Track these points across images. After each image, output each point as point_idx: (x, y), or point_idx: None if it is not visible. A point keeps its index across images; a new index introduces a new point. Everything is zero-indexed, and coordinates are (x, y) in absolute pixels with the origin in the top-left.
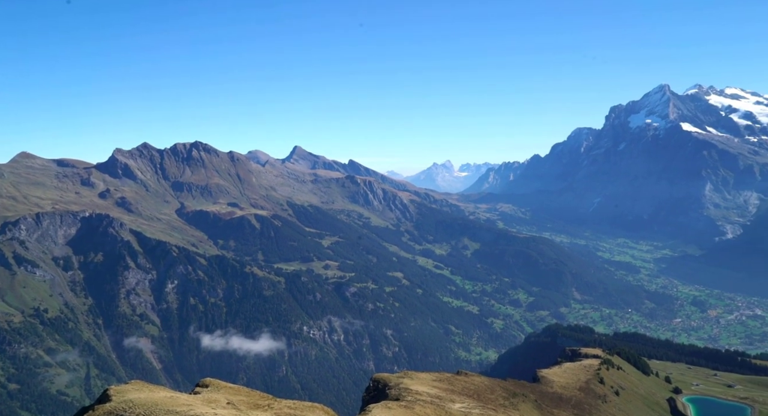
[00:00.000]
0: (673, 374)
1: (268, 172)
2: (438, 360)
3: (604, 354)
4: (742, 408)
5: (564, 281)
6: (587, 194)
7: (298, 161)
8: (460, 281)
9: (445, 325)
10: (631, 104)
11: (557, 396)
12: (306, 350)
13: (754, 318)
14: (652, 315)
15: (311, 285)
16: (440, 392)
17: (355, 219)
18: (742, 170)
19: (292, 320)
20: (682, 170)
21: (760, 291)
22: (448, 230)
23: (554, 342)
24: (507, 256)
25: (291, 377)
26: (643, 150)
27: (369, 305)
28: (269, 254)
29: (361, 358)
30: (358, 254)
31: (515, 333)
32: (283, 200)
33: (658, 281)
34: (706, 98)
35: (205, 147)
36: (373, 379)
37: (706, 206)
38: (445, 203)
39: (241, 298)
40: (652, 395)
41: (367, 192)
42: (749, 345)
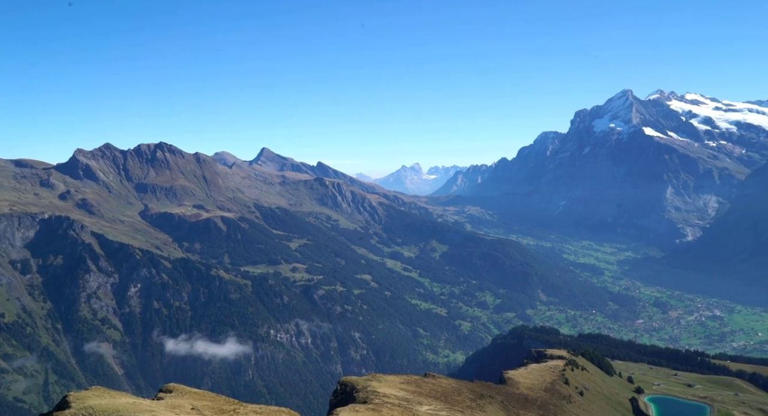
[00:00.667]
0: (635, 374)
1: (235, 173)
2: (406, 362)
3: (568, 355)
4: (702, 407)
5: (530, 283)
6: (553, 197)
7: (265, 163)
8: (429, 283)
9: (414, 327)
10: (595, 108)
11: (523, 397)
12: (273, 353)
13: (713, 318)
14: (615, 316)
15: (279, 288)
16: (408, 394)
17: (323, 221)
18: (702, 174)
19: (259, 323)
20: (644, 173)
21: (718, 292)
22: (416, 232)
23: (520, 343)
24: (475, 258)
25: (257, 381)
26: (607, 154)
27: (337, 308)
28: (236, 256)
29: (328, 361)
30: (326, 256)
31: (482, 334)
32: (251, 202)
33: (621, 283)
34: (668, 104)
35: (170, 148)
36: (340, 382)
37: (668, 209)
38: (414, 205)
39: (206, 301)
40: (615, 395)
41: (335, 194)
42: (708, 345)
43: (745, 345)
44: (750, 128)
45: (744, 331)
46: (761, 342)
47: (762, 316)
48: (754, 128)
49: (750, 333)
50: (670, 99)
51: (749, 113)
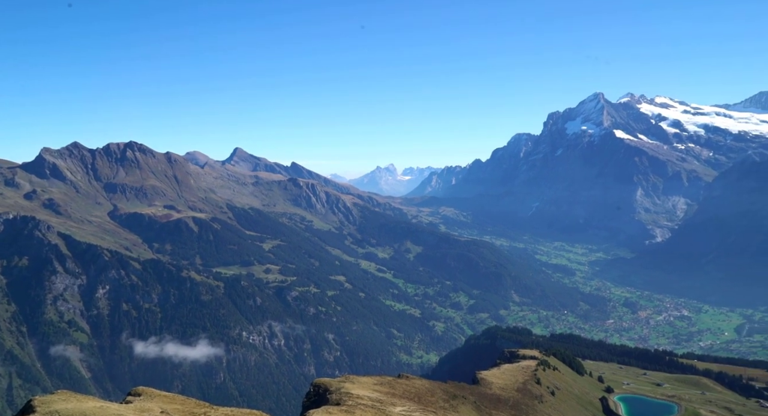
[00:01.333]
0: (605, 373)
1: (208, 174)
2: (380, 363)
3: (540, 355)
4: (670, 405)
5: (503, 283)
6: (526, 199)
7: (238, 163)
8: (403, 284)
9: (387, 328)
10: (567, 111)
11: (496, 398)
12: (245, 356)
13: (681, 318)
14: (586, 317)
15: (251, 290)
16: (381, 396)
17: (297, 222)
18: (671, 176)
19: (231, 325)
20: (615, 175)
21: (686, 293)
22: (391, 233)
23: (494, 344)
24: (449, 259)
25: (229, 384)
26: (579, 156)
27: (311, 310)
28: (208, 258)
29: (302, 363)
30: (300, 257)
31: (456, 335)
32: (223, 202)
33: (592, 284)
34: (638, 107)
35: (140, 147)
36: (313, 384)
37: (638, 211)
38: (389, 206)
39: (177, 303)
40: (585, 394)
41: (309, 195)
42: (676, 345)
43: (712, 344)
44: (717, 131)
45: (711, 331)
46: (727, 341)
47: (728, 316)
48: (721, 131)
49: (717, 333)
50: (640, 102)
51: (716, 116)
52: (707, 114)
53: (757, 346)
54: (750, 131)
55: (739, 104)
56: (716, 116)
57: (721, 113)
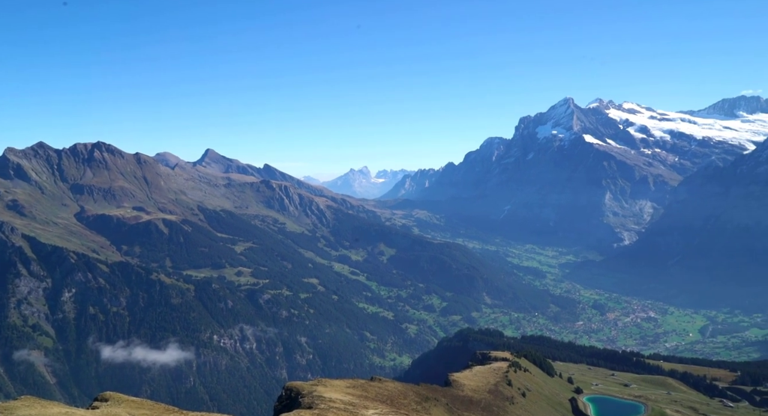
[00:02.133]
0: (575, 375)
1: (178, 175)
2: (352, 366)
3: (512, 356)
4: (637, 405)
5: (476, 286)
6: (498, 202)
7: (210, 165)
8: (376, 287)
9: (360, 331)
10: (538, 115)
11: (468, 399)
12: (216, 359)
13: (648, 320)
14: (556, 318)
15: (222, 292)
16: (354, 399)
17: (270, 224)
18: (638, 180)
19: (202, 329)
20: (584, 179)
21: (653, 295)
22: (364, 236)
23: (466, 346)
24: (422, 262)
25: (199, 388)
26: (550, 160)
27: (283, 312)
28: (178, 260)
29: (273, 366)
30: (272, 260)
31: (429, 337)
32: (194, 204)
33: (562, 286)
34: (606, 112)
35: (108, 148)
36: (285, 388)
37: (606, 214)
38: (362, 209)
39: (146, 307)
40: (555, 395)
41: (282, 197)
42: (643, 346)
43: (677, 345)
44: (682, 136)
45: (676, 332)
46: (692, 342)
47: (693, 317)
48: (686, 137)
49: (682, 334)
50: (609, 108)
51: (681, 122)
52: (673, 120)
53: (720, 347)
54: (713, 136)
55: (703, 110)
56: (681, 122)
57: (686, 119)
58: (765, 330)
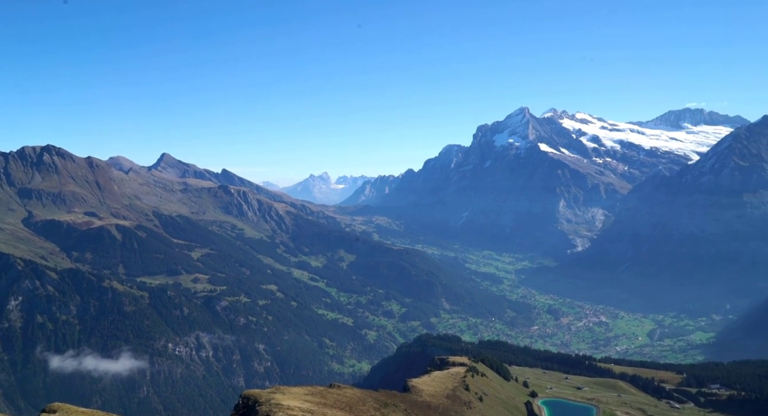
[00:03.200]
0: (530, 378)
1: (132, 180)
2: (311, 373)
3: (469, 361)
4: (589, 408)
5: (435, 292)
6: (457, 208)
7: (166, 169)
8: (336, 293)
9: (320, 338)
10: (495, 123)
11: (426, 405)
12: (171, 368)
13: (600, 324)
14: (513, 323)
15: (178, 300)
16: (312, 406)
17: (227, 230)
18: (590, 188)
19: (156, 337)
20: (539, 187)
21: (604, 300)
22: (324, 242)
23: (424, 351)
24: (382, 268)
25: (153, 398)
26: (507, 168)
27: (241, 320)
28: (132, 267)
29: (230, 375)
30: (230, 266)
31: (388, 343)
32: (149, 209)
33: (518, 291)
34: (560, 122)
35: (58, 152)
36: (242, 396)
37: (560, 221)
38: (322, 215)
39: (97, 315)
40: (511, 399)
41: (241, 203)
42: (595, 350)
43: (627, 348)
44: (631, 146)
45: (626, 336)
46: (641, 345)
47: (642, 321)
48: (635, 147)
49: (631, 338)
50: (563, 118)
51: (631, 132)
52: (623, 130)
53: (667, 350)
54: (660, 147)
55: (650, 121)
56: (630, 133)
57: (635, 129)
58: (709, 334)
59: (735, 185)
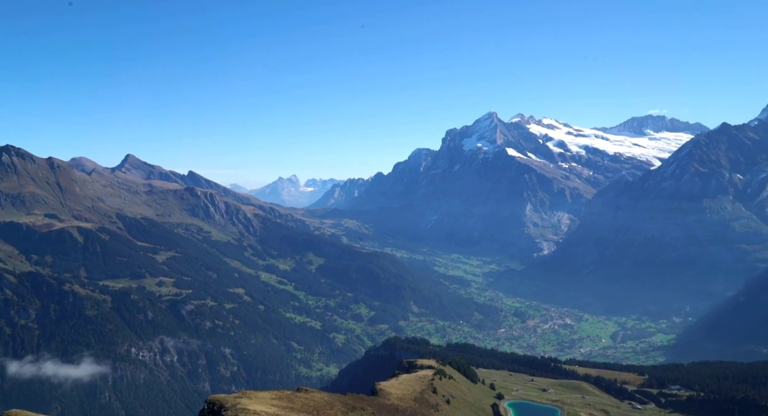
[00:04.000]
0: (497, 381)
1: (96, 181)
2: (278, 377)
3: (437, 364)
4: (554, 410)
5: (403, 295)
6: (426, 212)
7: (130, 171)
8: (304, 296)
9: (287, 342)
10: (464, 128)
11: (394, 408)
12: (134, 373)
13: (565, 326)
14: (480, 326)
15: (142, 303)
16: (279, 410)
17: (194, 233)
18: (556, 193)
19: (119, 341)
20: (507, 191)
21: (569, 302)
22: (292, 245)
23: (393, 354)
24: (351, 271)
25: (115, 403)
26: (475, 172)
27: (207, 324)
28: (94, 270)
29: (196, 379)
30: (196, 269)
31: (356, 347)
32: (113, 212)
33: (486, 294)
34: (527, 127)
35: (18, 152)
36: (207, 401)
37: (527, 225)
38: (291, 218)
39: (58, 319)
40: (478, 401)
41: (208, 205)
42: (560, 352)
43: (591, 350)
44: (596, 152)
45: (590, 338)
46: (604, 347)
47: (605, 324)
48: (600, 152)
49: (595, 340)
50: (530, 123)
51: (595, 138)
52: (588, 136)
53: (630, 352)
54: (624, 152)
55: (614, 127)
56: (595, 138)
57: (600, 135)
58: (670, 336)
59: (695, 190)
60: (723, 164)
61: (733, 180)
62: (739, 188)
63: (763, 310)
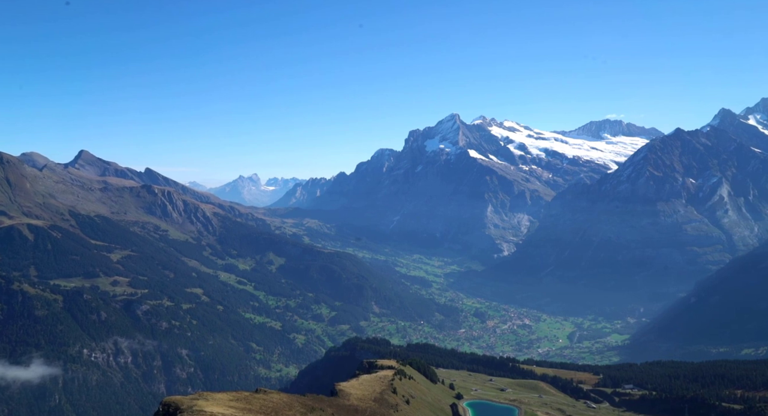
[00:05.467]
0: (456, 381)
1: (47, 177)
2: (237, 378)
3: (397, 365)
4: (511, 409)
5: (365, 295)
6: (388, 212)
7: (84, 167)
8: (264, 296)
9: (246, 342)
10: (427, 129)
11: (353, 409)
12: (86, 375)
13: (523, 327)
14: (441, 326)
15: (95, 303)
16: (237, 412)
17: (151, 232)
18: (517, 194)
19: (70, 342)
20: (468, 192)
21: (528, 303)
22: (253, 244)
23: (353, 355)
24: (312, 271)
25: (65, 406)
26: (437, 173)
27: (163, 324)
28: (45, 269)
29: (151, 381)
30: (152, 269)
31: (317, 347)
32: (65, 209)
33: (447, 295)
34: (489, 129)
35: None
36: (162, 403)
37: (488, 227)
38: (251, 217)
39: (5, 319)
40: (438, 401)
41: (165, 203)
42: (519, 352)
43: (548, 350)
44: (555, 155)
45: (548, 338)
46: (561, 347)
47: (563, 324)
48: (559, 155)
49: (553, 340)
50: (491, 125)
51: (555, 141)
52: (547, 139)
53: (586, 352)
54: (582, 156)
55: (573, 131)
56: (555, 142)
57: (559, 138)
58: (624, 336)
59: (649, 194)
60: (676, 168)
61: (686, 184)
62: (692, 192)
63: (713, 311)
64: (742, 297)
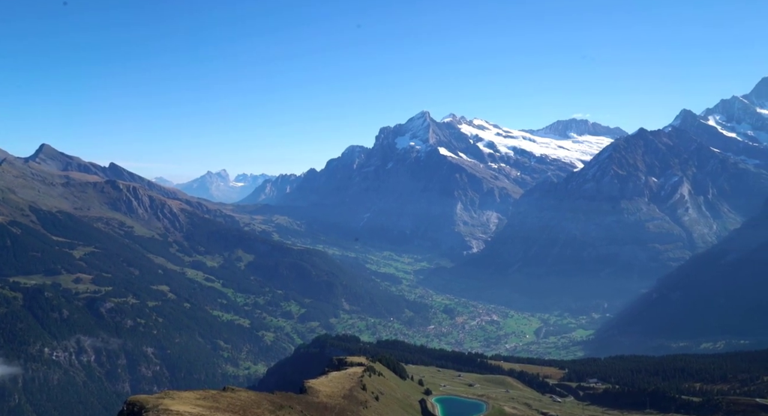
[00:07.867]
0: (425, 377)
1: (6, 171)
2: (204, 376)
3: (367, 361)
4: (479, 404)
5: (335, 292)
6: (358, 209)
7: (45, 161)
8: (232, 293)
9: (214, 340)
10: (397, 126)
11: (322, 406)
12: (47, 374)
13: (491, 323)
14: (410, 323)
15: (57, 301)
16: (204, 410)
17: (115, 228)
18: (486, 192)
19: (31, 341)
20: (438, 190)
21: (496, 299)
22: (221, 241)
23: (323, 352)
24: (281, 268)
25: (25, 406)
26: (408, 170)
27: (128, 322)
28: (4, 266)
29: (115, 380)
30: (117, 266)
31: (286, 345)
32: (25, 204)
33: (416, 291)
34: (459, 127)
35: None
36: (127, 402)
37: (457, 224)
38: (219, 213)
39: None
40: (407, 398)
41: (130, 199)
42: (487, 347)
43: (516, 346)
44: (524, 153)
45: (515, 334)
46: (528, 343)
47: (530, 320)
48: (527, 154)
49: (520, 336)
50: (461, 123)
51: (523, 140)
52: (516, 137)
53: (552, 347)
54: (549, 154)
55: (541, 130)
56: (523, 140)
57: (527, 137)
58: (589, 331)
59: (614, 192)
60: (640, 167)
61: (648, 183)
62: (654, 191)
63: (673, 306)
64: (702, 293)
